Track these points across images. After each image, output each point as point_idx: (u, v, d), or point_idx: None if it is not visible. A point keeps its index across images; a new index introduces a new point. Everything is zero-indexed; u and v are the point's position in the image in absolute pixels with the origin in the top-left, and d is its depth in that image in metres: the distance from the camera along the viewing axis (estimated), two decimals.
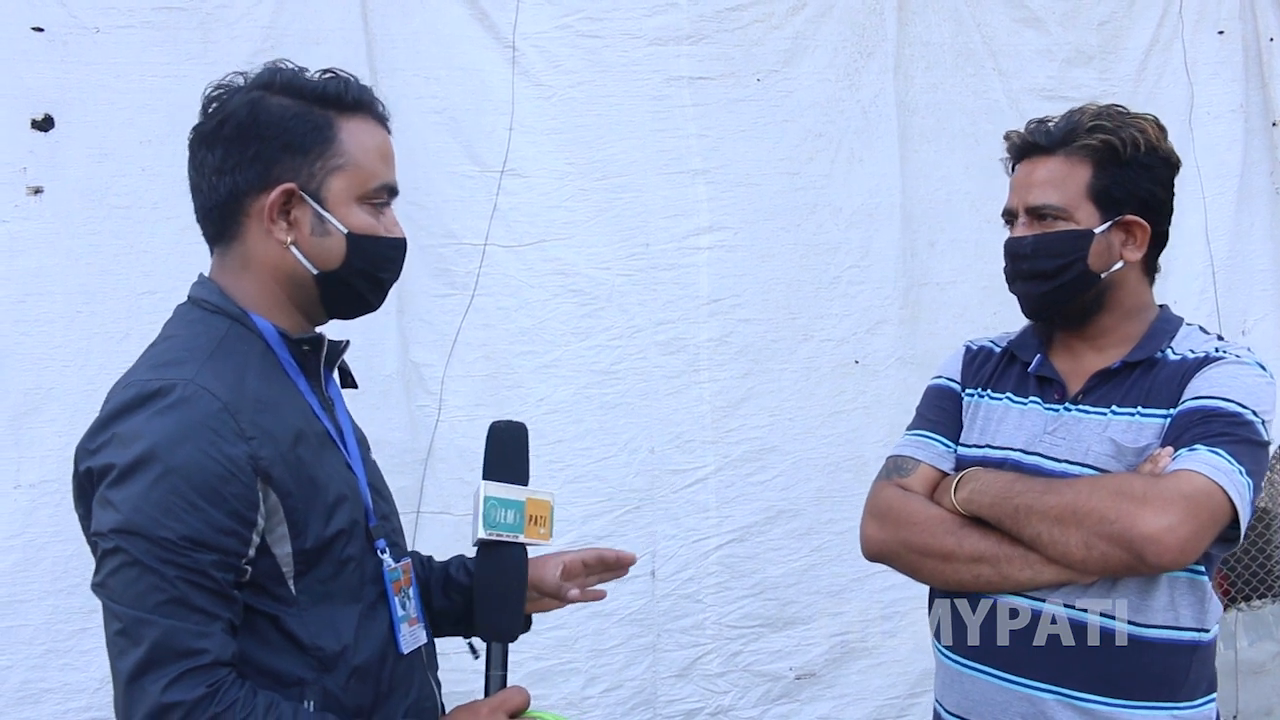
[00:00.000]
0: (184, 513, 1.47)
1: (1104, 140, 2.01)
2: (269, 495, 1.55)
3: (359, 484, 1.72)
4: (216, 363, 1.58)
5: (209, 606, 1.49)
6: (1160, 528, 1.79)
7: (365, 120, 1.70)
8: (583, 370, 3.35)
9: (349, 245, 1.66)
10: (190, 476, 1.48)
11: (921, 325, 3.72)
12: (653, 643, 3.46)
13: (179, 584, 1.47)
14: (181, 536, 1.47)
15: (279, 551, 1.57)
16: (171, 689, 1.45)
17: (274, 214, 1.64)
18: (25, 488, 2.79)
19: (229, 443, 1.51)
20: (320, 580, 1.62)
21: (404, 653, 1.74)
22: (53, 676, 2.78)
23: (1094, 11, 3.90)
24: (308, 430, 1.64)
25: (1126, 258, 2.06)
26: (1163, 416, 1.97)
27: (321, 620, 1.61)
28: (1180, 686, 1.96)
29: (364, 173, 1.67)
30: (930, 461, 2.16)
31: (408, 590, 1.77)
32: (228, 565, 1.51)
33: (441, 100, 3.19)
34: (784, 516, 3.58)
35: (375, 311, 1.80)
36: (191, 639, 1.47)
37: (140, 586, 1.47)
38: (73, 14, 2.82)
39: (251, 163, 1.63)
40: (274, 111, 1.64)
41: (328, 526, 1.61)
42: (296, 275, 1.67)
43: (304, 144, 1.64)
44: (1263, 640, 4.40)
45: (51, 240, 2.81)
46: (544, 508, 1.76)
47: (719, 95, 3.47)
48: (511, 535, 1.71)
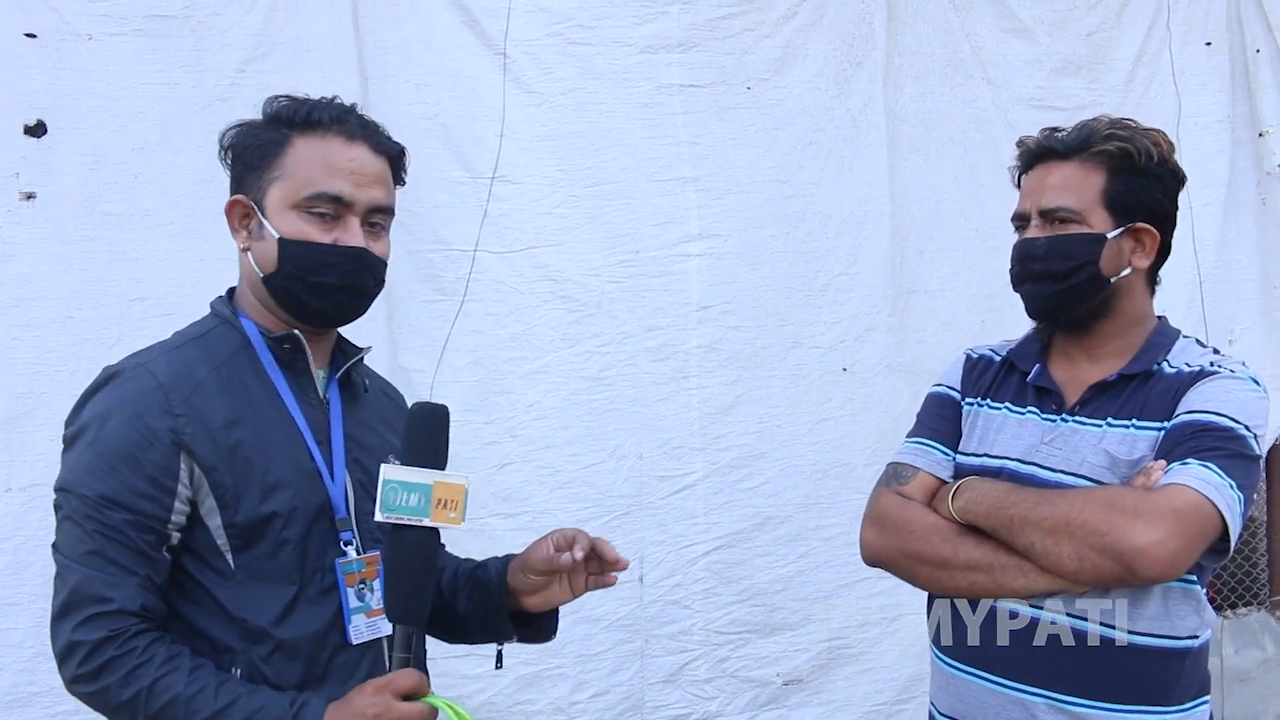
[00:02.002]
0: (105, 474, 1.66)
1: (1120, 147, 2.04)
2: (194, 469, 1.70)
3: (324, 477, 1.81)
4: (177, 353, 1.78)
5: (124, 561, 1.66)
6: (1150, 541, 1.81)
7: (323, 137, 1.80)
8: (572, 376, 3.36)
9: (280, 249, 1.77)
10: (113, 443, 1.67)
11: (910, 333, 3.74)
12: (640, 648, 3.47)
13: (96, 537, 1.65)
14: (99, 495, 1.66)
15: (211, 523, 1.72)
16: (79, 629, 1.63)
17: (234, 223, 1.83)
18: (16, 491, 2.79)
19: (154, 416, 1.69)
20: (258, 558, 1.73)
21: (352, 642, 1.81)
22: (42, 680, 2.78)
23: (1083, 22, 3.92)
24: (262, 418, 1.77)
25: (1135, 265, 2.09)
26: (1157, 429, 1.99)
27: (252, 595, 1.73)
28: (1172, 691, 1.98)
29: (298, 181, 1.78)
30: (929, 469, 2.18)
31: (371, 583, 1.84)
32: (145, 526, 1.67)
33: (432, 106, 3.20)
34: (772, 523, 3.58)
35: (344, 321, 1.88)
36: (102, 587, 1.64)
37: (70, 538, 1.68)
38: (65, 21, 2.83)
39: (232, 179, 1.85)
40: (245, 134, 1.83)
41: (261, 505, 1.73)
42: (253, 279, 1.83)
43: (255, 160, 1.80)
44: (1248, 648, 4.42)
45: (43, 246, 2.82)
46: (456, 491, 1.74)
47: (709, 103, 3.49)
48: (415, 518, 1.69)
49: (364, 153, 1.82)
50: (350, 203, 1.79)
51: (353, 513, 1.84)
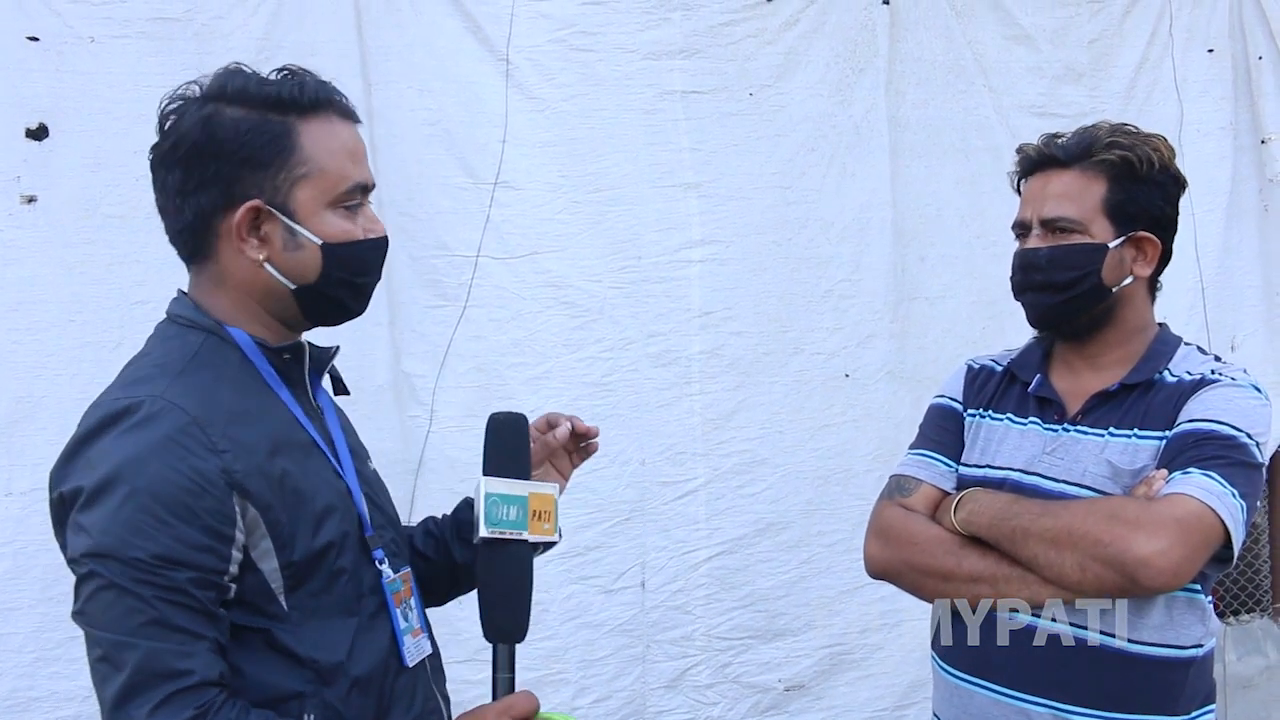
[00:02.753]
0: (154, 531, 1.42)
1: (1122, 156, 2.03)
2: (247, 509, 1.49)
3: (351, 493, 1.67)
4: (188, 377, 1.54)
5: (191, 626, 1.43)
6: (1153, 551, 1.81)
7: (327, 119, 1.61)
8: (574, 382, 3.35)
9: (325, 256, 1.60)
10: (158, 493, 1.42)
11: (911, 339, 3.74)
12: (642, 654, 3.46)
13: (157, 604, 1.41)
14: (154, 555, 1.41)
15: (265, 567, 1.52)
16: (158, 713, 1.40)
17: (243, 233, 1.57)
18: (16, 496, 2.79)
19: (199, 456, 1.46)
20: (312, 594, 1.56)
21: (408, 665, 1.69)
22: (41, 685, 2.78)
23: (1084, 29, 3.92)
24: (289, 440, 1.59)
25: (1137, 273, 2.09)
26: (1159, 439, 1.99)
27: (316, 633, 1.56)
28: (1176, 700, 1.98)
29: (331, 177, 1.59)
30: (932, 481, 2.18)
31: (409, 601, 1.72)
32: (207, 582, 1.45)
33: (435, 112, 3.20)
34: (774, 529, 3.58)
35: (359, 316, 1.74)
36: (175, 660, 1.41)
37: (118, 610, 1.42)
38: (68, 24, 2.83)
39: (213, 182, 1.57)
40: (228, 126, 1.56)
41: (316, 537, 1.56)
42: (273, 291, 1.62)
43: (263, 157, 1.56)
44: (1251, 654, 4.41)
45: (44, 249, 2.82)
46: (548, 502, 1.69)
47: (711, 109, 3.49)
48: (515, 532, 1.63)
49: (355, 130, 1.66)
50: (370, 188, 1.66)
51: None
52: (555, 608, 3.32)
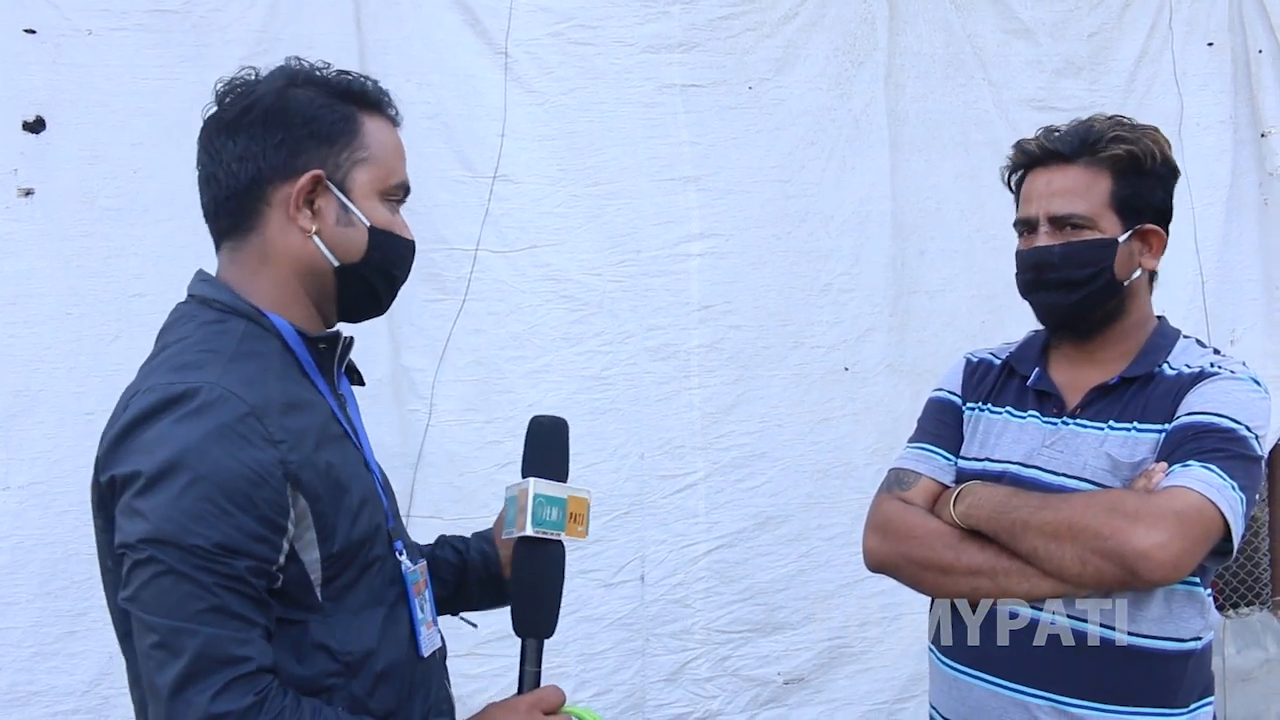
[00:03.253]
0: (216, 519, 1.43)
1: (1127, 150, 2.03)
2: (298, 500, 1.51)
3: (376, 484, 1.71)
4: (239, 365, 1.54)
5: (248, 613, 1.45)
6: (1152, 544, 1.80)
7: (383, 120, 1.70)
8: (573, 376, 3.35)
9: (371, 238, 1.65)
10: (221, 482, 1.44)
11: (911, 333, 3.74)
12: (642, 647, 3.46)
13: (217, 591, 1.43)
14: (215, 544, 1.43)
15: (307, 558, 1.54)
16: (219, 699, 1.41)
17: (300, 201, 1.61)
18: (14, 490, 2.78)
19: (258, 448, 1.47)
20: (346, 586, 1.59)
21: (424, 655, 1.72)
22: (40, 679, 2.78)
23: (1084, 23, 3.92)
24: (329, 431, 1.62)
25: (1144, 266, 2.09)
26: (1158, 431, 1.99)
27: (348, 625, 1.58)
28: (1176, 693, 1.98)
29: (385, 168, 1.67)
30: (931, 474, 2.18)
31: (424, 593, 1.76)
32: (262, 571, 1.48)
33: (434, 105, 3.19)
34: (773, 522, 3.58)
35: (381, 315, 1.81)
36: (235, 646, 1.43)
37: (176, 595, 1.43)
38: (65, 16, 2.82)
39: (277, 149, 1.61)
40: (301, 100, 1.62)
41: (354, 529, 1.59)
42: (316, 267, 1.65)
43: (331, 134, 1.62)
44: (1251, 648, 4.41)
45: (42, 242, 2.81)
46: (582, 505, 1.76)
47: (710, 103, 3.48)
48: (555, 533, 1.71)
49: (400, 138, 1.75)
50: (409, 191, 1.74)
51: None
52: None
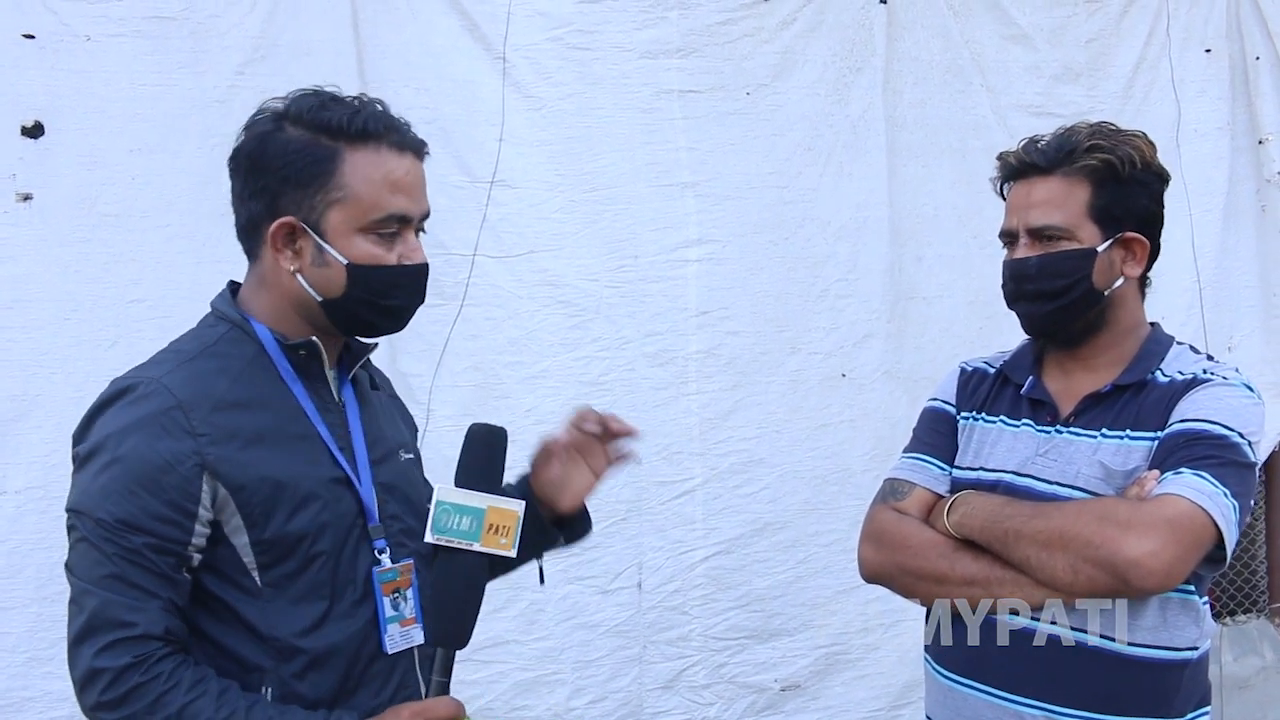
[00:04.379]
0: (121, 498, 1.60)
1: (1103, 159, 2.03)
2: (218, 489, 1.64)
3: (354, 483, 1.76)
4: (195, 364, 1.70)
5: (145, 584, 1.60)
6: (1144, 552, 1.80)
7: (376, 150, 1.71)
8: (571, 381, 3.35)
9: (350, 275, 1.71)
10: (131, 466, 1.60)
11: (908, 339, 3.74)
12: (639, 654, 3.46)
13: (117, 560, 1.59)
14: (117, 519, 1.59)
15: (236, 541, 1.66)
16: (101, 655, 1.57)
17: (278, 244, 1.72)
18: (11, 494, 2.78)
19: (175, 438, 1.62)
20: (287, 575, 1.69)
21: (388, 651, 1.78)
22: (35, 685, 2.77)
23: (1082, 29, 3.93)
24: (284, 430, 1.72)
25: (1127, 274, 2.08)
26: (1151, 439, 1.99)
27: (282, 612, 1.68)
28: (1171, 702, 1.98)
29: (364, 204, 1.70)
30: (925, 484, 2.18)
31: (405, 591, 1.80)
32: (165, 549, 1.61)
33: (432, 111, 3.18)
34: (770, 529, 3.58)
35: (397, 333, 1.86)
36: (124, 611, 1.58)
37: (87, 561, 1.61)
38: (64, 22, 2.82)
39: (260, 194, 1.71)
40: (280, 144, 1.70)
41: (290, 522, 1.68)
42: (304, 300, 1.74)
43: (304, 177, 1.69)
44: (1247, 655, 4.41)
45: (40, 247, 2.81)
46: (509, 518, 1.71)
47: (708, 109, 3.49)
48: (464, 542, 1.67)
49: (412, 162, 1.76)
50: (411, 218, 1.76)
51: (379, 518, 1.81)
52: (551, 608, 3.32)
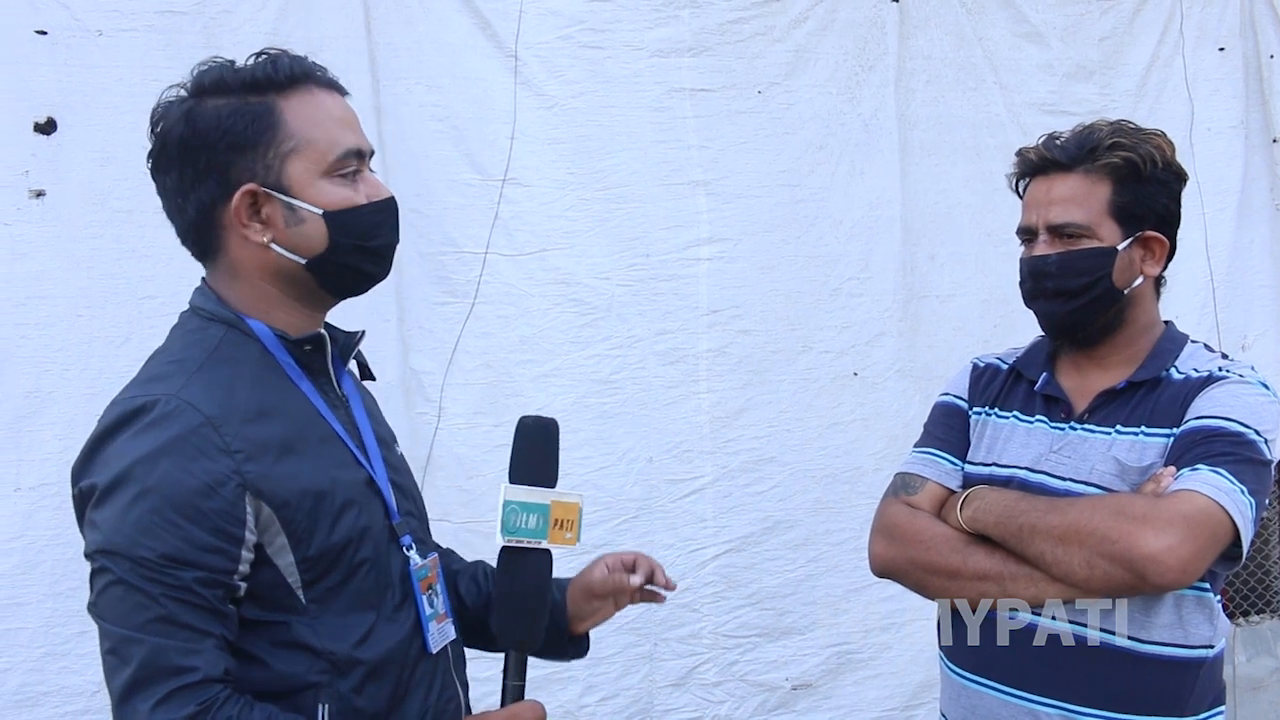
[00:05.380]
0: (162, 531, 1.46)
1: (1125, 157, 2.02)
2: (261, 508, 1.52)
3: (377, 482, 1.68)
4: (206, 374, 1.56)
5: (197, 623, 1.47)
6: (1161, 548, 1.80)
7: (308, 91, 1.62)
8: (582, 380, 3.35)
9: (329, 225, 1.60)
10: (168, 494, 1.46)
11: (921, 338, 3.73)
12: (650, 652, 3.46)
13: (164, 601, 1.45)
14: (161, 555, 1.45)
15: (281, 562, 1.55)
16: (160, 708, 1.44)
17: (244, 218, 1.59)
18: (25, 491, 2.78)
19: (210, 458, 1.49)
20: (331, 587, 1.59)
21: (432, 651, 1.71)
22: (50, 680, 2.78)
23: (1095, 27, 3.92)
24: (308, 435, 1.61)
25: (1146, 273, 2.07)
26: (1166, 436, 1.98)
27: (333, 625, 1.58)
28: (1185, 701, 1.97)
29: (320, 146, 1.60)
30: (937, 479, 2.17)
31: (435, 586, 1.74)
32: (215, 582, 1.49)
33: (444, 109, 3.19)
34: (781, 527, 3.58)
35: (383, 280, 1.73)
36: (179, 656, 1.45)
37: (126, 605, 1.46)
38: (76, 17, 2.82)
39: (206, 174, 1.58)
40: (209, 115, 1.58)
41: (333, 533, 1.58)
42: (286, 271, 1.62)
43: (248, 139, 1.57)
44: (1261, 656, 4.40)
45: (53, 244, 2.81)
46: (571, 510, 1.69)
47: (720, 107, 3.48)
48: (534, 541, 1.64)
49: (342, 99, 1.67)
50: (364, 154, 1.65)
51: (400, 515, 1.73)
52: None
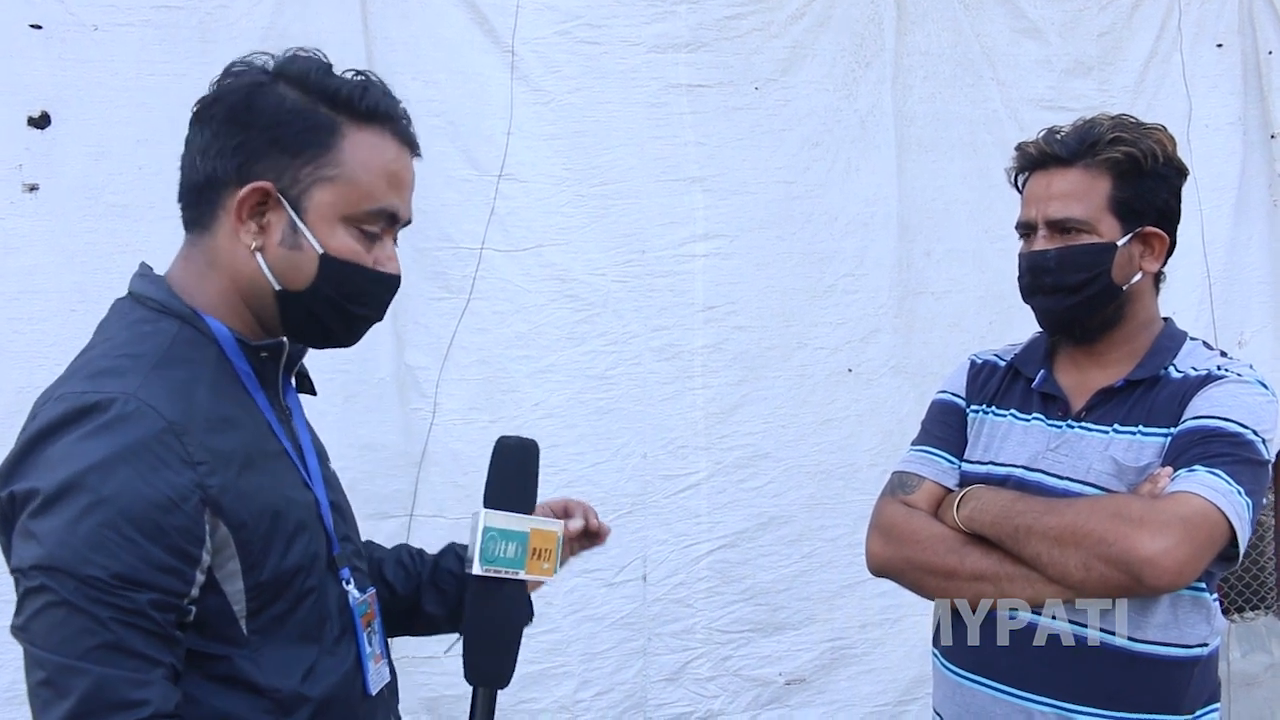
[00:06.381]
0: (117, 548, 1.28)
1: (1126, 152, 2.01)
2: (218, 527, 1.36)
3: (320, 506, 1.54)
4: (164, 372, 1.39)
5: (148, 651, 1.29)
6: (1157, 550, 1.79)
7: (381, 135, 1.50)
8: (577, 375, 3.35)
9: (321, 267, 1.47)
10: (125, 508, 1.29)
11: (916, 334, 3.73)
12: (643, 647, 3.46)
13: (113, 626, 1.27)
14: (114, 575, 1.27)
15: (229, 588, 1.39)
16: None
17: (244, 213, 1.45)
18: None
19: (173, 469, 1.32)
20: (275, 618, 1.43)
21: (371, 693, 1.56)
22: None
23: (1093, 23, 3.91)
24: (263, 450, 1.47)
25: (1145, 269, 2.07)
26: (1163, 435, 1.97)
27: (277, 660, 1.43)
28: (1181, 699, 1.97)
29: (359, 191, 1.47)
30: (934, 478, 2.16)
31: (374, 624, 1.60)
32: (168, 605, 1.32)
33: (440, 104, 3.18)
34: (775, 523, 3.57)
35: (344, 348, 1.61)
36: (129, 689, 1.27)
37: (68, 630, 1.27)
38: (71, 11, 2.81)
39: (234, 152, 1.45)
40: (272, 102, 1.45)
41: (286, 558, 1.44)
42: (257, 286, 1.48)
43: (295, 143, 1.44)
44: (1256, 652, 4.40)
45: (46, 238, 2.81)
46: (549, 540, 1.59)
47: (717, 103, 3.47)
48: (511, 571, 1.54)
49: (410, 160, 1.55)
50: (399, 219, 1.54)
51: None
52: (558, 601, 3.32)
